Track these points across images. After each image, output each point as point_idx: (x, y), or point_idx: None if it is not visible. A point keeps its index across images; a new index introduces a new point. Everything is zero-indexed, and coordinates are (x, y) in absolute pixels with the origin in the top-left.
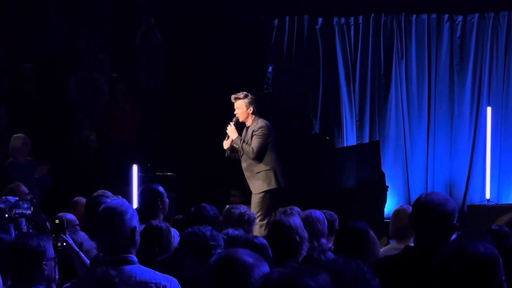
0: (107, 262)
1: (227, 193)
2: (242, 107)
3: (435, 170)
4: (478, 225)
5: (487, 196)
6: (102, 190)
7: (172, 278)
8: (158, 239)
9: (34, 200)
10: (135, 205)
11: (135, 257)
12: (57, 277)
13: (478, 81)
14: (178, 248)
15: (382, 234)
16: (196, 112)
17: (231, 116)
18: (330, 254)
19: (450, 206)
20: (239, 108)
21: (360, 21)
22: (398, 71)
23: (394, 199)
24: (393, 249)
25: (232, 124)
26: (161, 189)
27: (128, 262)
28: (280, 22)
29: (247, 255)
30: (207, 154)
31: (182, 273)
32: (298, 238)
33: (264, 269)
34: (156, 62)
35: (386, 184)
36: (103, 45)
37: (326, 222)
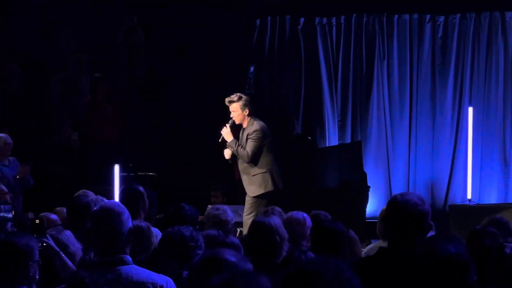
0: (103, 264)
1: (209, 193)
2: (237, 110)
3: (417, 170)
4: (460, 225)
5: (469, 196)
6: (84, 190)
7: (168, 278)
8: (138, 239)
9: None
10: None
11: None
12: (37, 277)
13: (459, 81)
14: (157, 248)
15: (364, 234)
16: (178, 112)
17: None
18: (311, 254)
19: (426, 206)
20: (234, 111)
21: (342, 21)
22: (380, 72)
23: (375, 199)
24: (377, 248)
25: (227, 126)
26: (141, 189)
27: (124, 263)
28: (262, 22)
29: (231, 255)
30: (189, 154)
31: (161, 273)
32: (278, 238)
33: (247, 268)
34: (138, 62)
35: (368, 184)
36: (85, 45)
37: (308, 224)
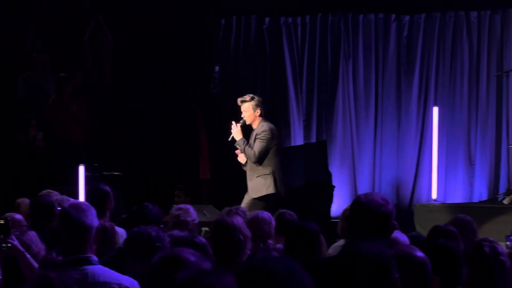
0: (68, 263)
1: (173, 193)
2: (248, 110)
3: (382, 170)
4: (425, 224)
5: (434, 195)
6: (48, 190)
7: (133, 280)
8: (102, 239)
9: None
10: None
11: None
12: (0, 277)
13: (425, 81)
14: (122, 247)
15: (329, 234)
16: (144, 111)
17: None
18: (275, 254)
19: (390, 206)
20: (246, 110)
21: (307, 21)
22: (346, 71)
23: (341, 199)
24: (339, 247)
25: (238, 125)
26: (107, 188)
27: (90, 262)
28: (227, 21)
29: (190, 254)
30: (154, 154)
31: (125, 273)
32: (241, 237)
33: (206, 267)
34: (104, 61)
35: (333, 183)
36: (50, 44)
37: (273, 223)
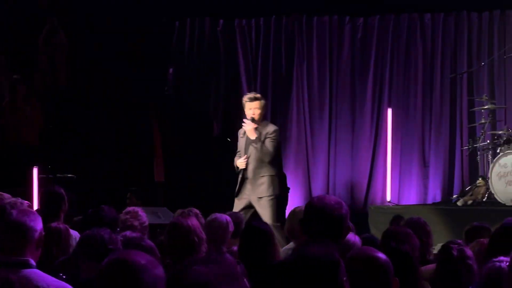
0: (4, 264)
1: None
2: (260, 107)
3: (337, 171)
4: (379, 226)
5: (388, 197)
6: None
7: (68, 286)
8: (56, 241)
9: None
10: (36, 206)
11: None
12: None
13: (379, 83)
14: (75, 250)
15: (283, 236)
16: (97, 114)
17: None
18: (228, 256)
19: (344, 209)
20: (257, 107)
21: (261, 23)
22: (300, 73)
23: (295, 201)
24: (290, 249)
25: (251, 123)
26: (62, 191)
27: (28, 266)
28: (181, 23)
29: (140, 257)
30: (109, 156)
31: (79, 275)
32: (196, 239)
33: (157, 270)
34: (58, 63)
35: (288, 186)
36: (3, 46)
37: (230, 227)
